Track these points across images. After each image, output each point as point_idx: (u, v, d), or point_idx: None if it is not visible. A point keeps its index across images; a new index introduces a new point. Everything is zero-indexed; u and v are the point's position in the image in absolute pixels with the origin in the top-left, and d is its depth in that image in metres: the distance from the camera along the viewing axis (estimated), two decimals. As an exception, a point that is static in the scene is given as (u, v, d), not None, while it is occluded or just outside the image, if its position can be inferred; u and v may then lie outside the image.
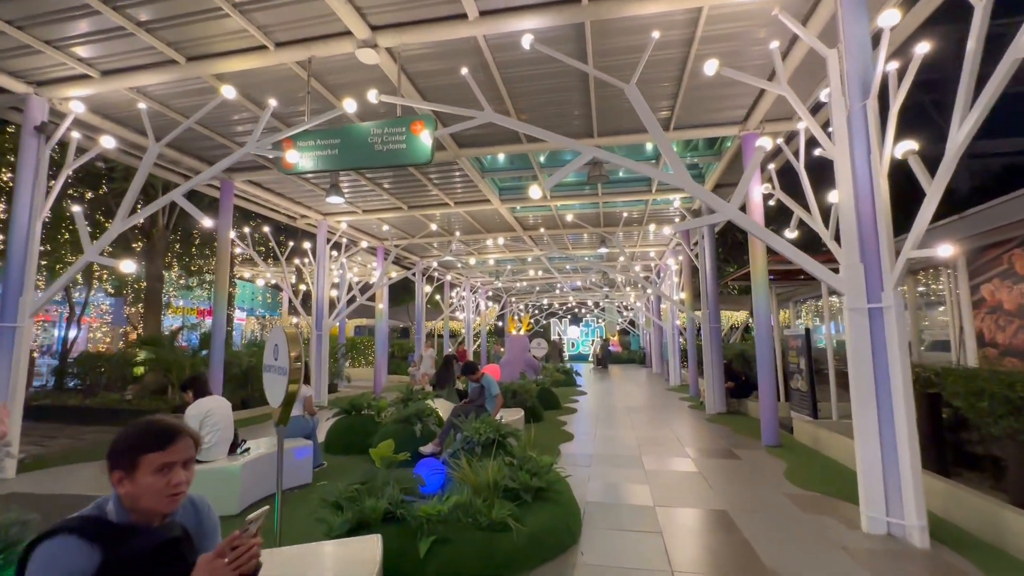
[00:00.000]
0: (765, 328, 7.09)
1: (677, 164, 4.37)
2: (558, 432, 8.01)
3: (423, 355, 13.42)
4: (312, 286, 12.27)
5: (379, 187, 10.82)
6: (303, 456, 4.98)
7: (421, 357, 13.49)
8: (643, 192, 10.85)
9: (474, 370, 6.19)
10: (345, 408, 6.92)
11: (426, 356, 13.29)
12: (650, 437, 7.58)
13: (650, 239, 16.19)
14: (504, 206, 11.57)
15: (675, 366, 15.73)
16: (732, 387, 10.06)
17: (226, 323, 18.04)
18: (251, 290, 23.87)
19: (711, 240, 10.32)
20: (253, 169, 9.33)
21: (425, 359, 13.18)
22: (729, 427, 8.41)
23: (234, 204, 11.24)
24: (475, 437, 4.84)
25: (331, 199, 8.71)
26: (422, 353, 13.57)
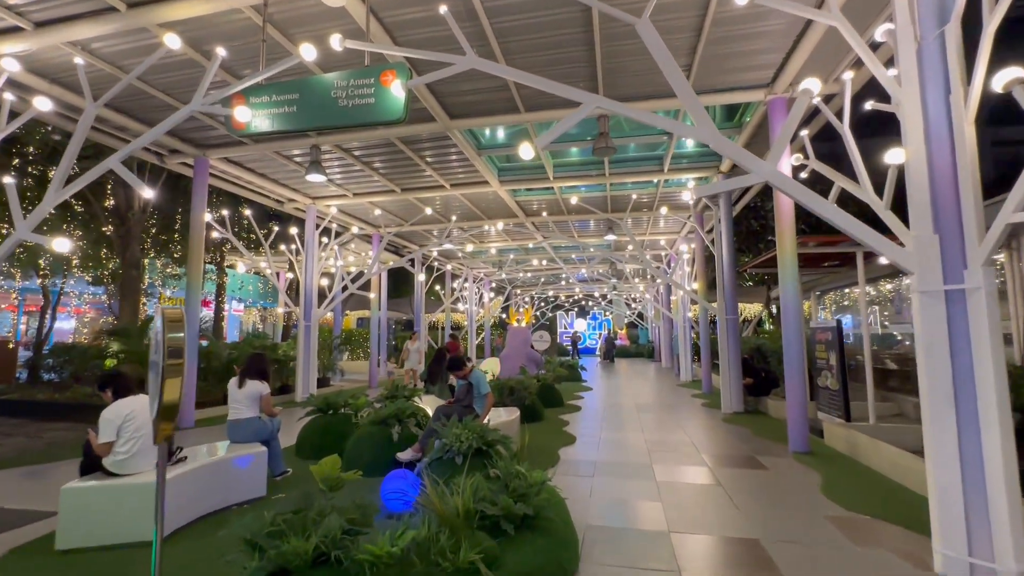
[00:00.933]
0: (794, 320, 6.24)
1: (700, 113, 3.53)
2: (559, 434, 7.24)
3: (408, 348, 12.41)
4: (300, 274, 11.55)
5: (370, 168, 10.06)
6: (247, 464, 4.24)
7: (407, 351, 12.44)
8: (653, 171, 9.97)
9: (461, 365, 5.41)
10: (319, 407, 6.18)
11: (412, 350, 12.29)
12: (661, 440, 6.78)
13: (660, 227, 15.33)
14: (504, 188, 10.75)
15: (686, 361, 14.89)
16: (750, 384, 9.22)
17: (216, 313, 17.50)
18: (252, 281, 23.29)
19: (728, 224, 9.44)
20: (228, 145, 8.58)
21: (411, 353, 12.25)
22: (748, 429, 7.59)
23: (218, 188, 10.56)
24: (455, 445, 4.08)
25: (311, 177, 7.98)
26: (408, 346, 12.54)
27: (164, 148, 8.70)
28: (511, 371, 11.38)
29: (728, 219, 9.49)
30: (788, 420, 6.24)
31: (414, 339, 12.65)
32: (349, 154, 9.22)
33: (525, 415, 7.97)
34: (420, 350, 12.42)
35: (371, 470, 5.06)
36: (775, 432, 7.27)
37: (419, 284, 17.49)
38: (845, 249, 6.69)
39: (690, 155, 9.80)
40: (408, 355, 12.36)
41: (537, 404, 8.29)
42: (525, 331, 12.43)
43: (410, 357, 12.32)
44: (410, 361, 12.31)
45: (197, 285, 8.53)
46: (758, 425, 7.85)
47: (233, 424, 4.62)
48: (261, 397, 4.73)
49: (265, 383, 4.79)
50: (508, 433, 5.87)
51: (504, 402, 8.03)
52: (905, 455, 4.75)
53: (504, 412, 6.53)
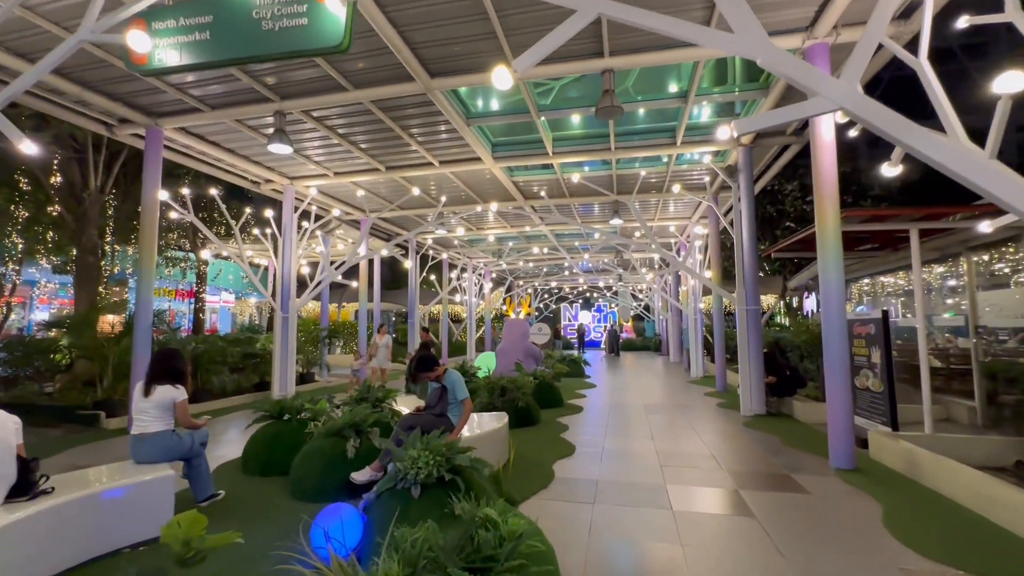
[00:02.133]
0: (836, 309, 5.19)
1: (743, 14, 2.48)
2: (556, 442, 6.25)
3: (376, 343, 11.04)
4: (277, 261, 10.60)
5: (351, 143, 9.05)
6: (118, 496, 3.23)
7: (375, 346, 11.03)
8: (665, 145, 8.89)
9: (431, 365, 4.41)
10: (271, 412, 5.22)
11: (380, 345, 10.97)
12: (675, 451, 5.78)
13: (670, 211, 14.24)
14: (498, 165, 9.71)
15: (697, 356, 13.85)
16: (773, 383, 8.19)
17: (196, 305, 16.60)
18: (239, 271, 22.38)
19: (750, 203, 8.36)
20: (182, 112, 7.58)
21: (379, 349, 10.94)
22: (775, 436, 6.58)
23: (190, 168, 9.61)
24: (409, 472, 3.10)
25: (275, 147, 7.00)
26: (375, 340, 11.13)
27: (112, 117, 7.72)
28: (508, 367, 10.41)
29: (749, 197, 8.41)
30: (830, 430, 5.21)
31: (381, 332, 11.19)
32: (322, 124, 8.20)
33: (518, 419, 7.00)
34: (388, 345, 11.17)
35: (320, 494, 4.12)
36: (808, 441, 6.25)
37: (413, 272, 16.52)
38: (898, 226, 5.62)
39: (707, 125, 8.71)
40: (375, 350, 11.07)
41: (532, 406, 7.30)
42: (523, 324, 11.43)
43: (378, 353, 11.03)
44: (378, 358, 10.99)
45: (150, 271, 7.58)
46: (785, 431, 6.83)
47: (137, 440, 3.65)
48: (175, 405, 3.76)
49: (180, 388, 3.82)
50: (494, 445, 4.91)
51: (494, 404, 7.05)
52: (994, 482, 3.72)
53: (490, 418, 5.55)
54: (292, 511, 3.94)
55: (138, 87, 6.89)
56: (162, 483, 3.41)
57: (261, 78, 6.70)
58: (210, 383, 9.23)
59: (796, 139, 8.36)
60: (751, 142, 8.40)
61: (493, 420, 5.44)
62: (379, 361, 10.96)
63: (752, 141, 8.39)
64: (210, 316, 25.41)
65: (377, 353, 11.00)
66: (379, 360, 10.96)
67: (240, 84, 6.84)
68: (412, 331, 16.40)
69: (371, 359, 11.03)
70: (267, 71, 6.53)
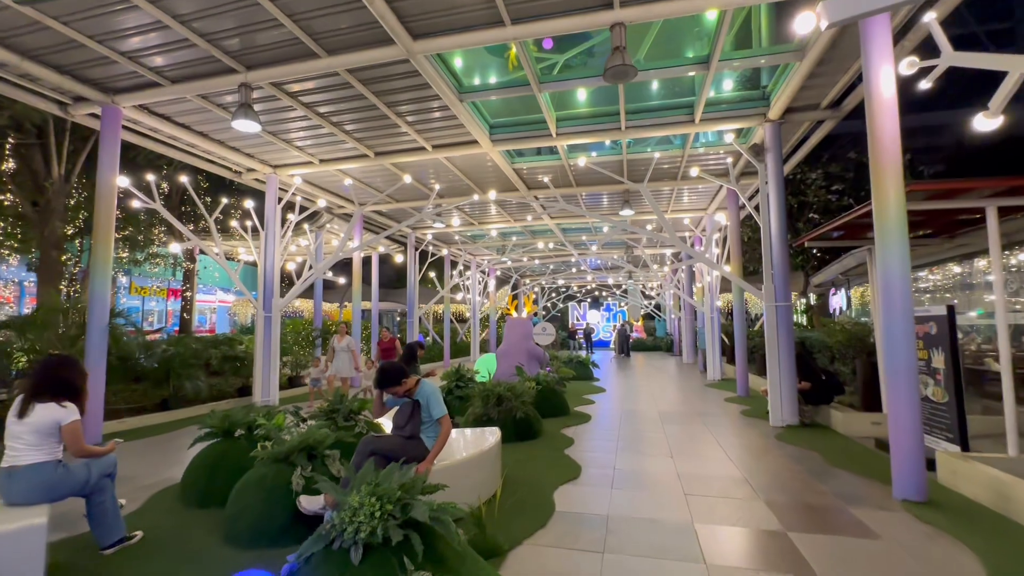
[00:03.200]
0: (901, 305, 4.23)
1: None
2: (558, 461, 5.35)
3: (334, 347, 9.30)
4: (259, 256, 9.80)
5: (336, 126, 8.25)
6: None
7: (333, 351, 9.31)
8: (682, 123, 7.95)
9: (397, 378, 3.52)
10: (217, 428, 4.38)
11: (339, 349, 9.19)
12: (701, 474, 4.87)
13: (684, 202, 13.28)
14: (497, 149, 8.83)
15: (715, 357, 12.87)
16: (807, 390, 7.23)
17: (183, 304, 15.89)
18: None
19: (779, 186, 7.40)
20: (140, 87, 6.79)
21: (339, 354, 9.15)
22: (815, 452, 5.63)
23: (169, 157, 8.84)
24: (348, 529, 2.23)
25: (240, 124, 6.19)
26: (333, 345, 9.36)
27: (66, 95, 6.95)
28: (509, 371, 9.53)
29: (778, 179, 7.45)
30: (893, 451, 4.26)
31: (341, 335, 9.38)
32: (299, 101, 7.38)
33: (516, 432, 6.12)
34: (352, 349, 9.33)
35: (258, 538, 3.28)
36: (856, 460, 5.30)
37: (411, 269, 15.71)
38: (973, 203, 4.66)
39: (730, 100, 7.77)
40: (334, 356, 9.31)
41: (532, 417, 6.41)
42: (525, 323, 10.53)
43: (337, 358, 9.21)
44: (337, 365, 9.18)
45: (105, 265, 6.79)
46: (827, 447, 5.87)
47: (7, 475, 2.81)
48: (60, 429, 2.92)
49: (69, 406, 2.97)
50: (482, 469, 4.03)
51: (488, 415, 6.17)
52: None
53: (479, 435, 4.67)
54: (222, 559, 3.11)
55: (85, 56, 6.10)
56: (27, 535, 2.57)
57: (220, 43, 5.87)
58: (183, 389, 8.44)
59: (832, 114, 7.39)
60: (780, 117, 7.44)
61: (483, 437, 4.56)
62: (338, 368, 9.20)
63: (781, 116, 7.43)
64: (209, 316, 24.81)
65: (336, 359, 9.24)
66: (339, 367, 9.19)
67: (199, 52, 6.03)
68: (411, 331, 15.59)
69: (327, 367, 9.40)
70: (225, 33, 5.70)
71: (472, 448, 4.18)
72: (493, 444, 4.36)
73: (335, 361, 9.22)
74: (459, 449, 4.17)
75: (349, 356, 9.24)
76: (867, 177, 4.45)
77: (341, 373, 9.14)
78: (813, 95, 7.11)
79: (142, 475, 5.05)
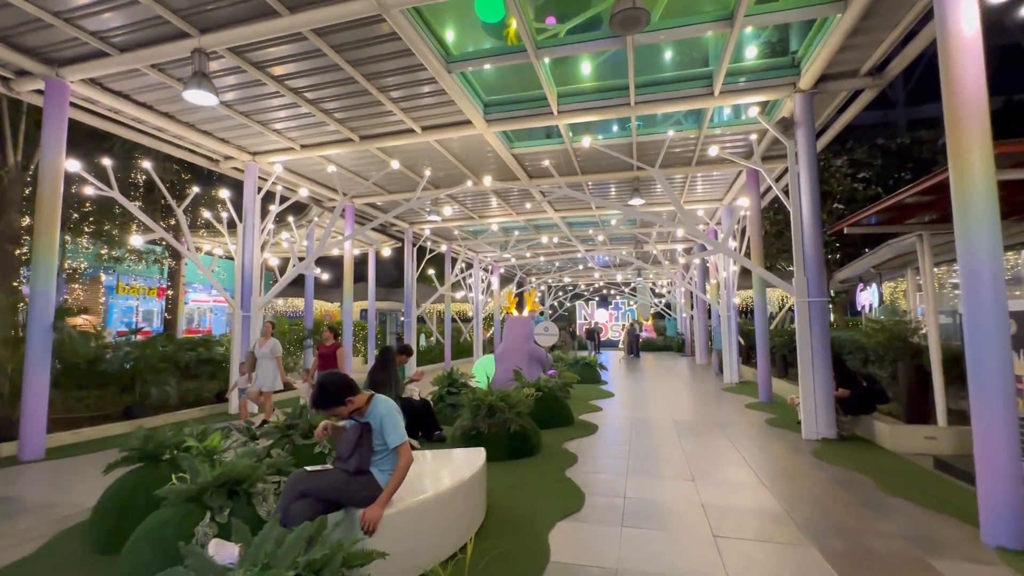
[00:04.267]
0: (992, 298, 3.31)
1: None
2: (557, 486, 4.50)
3: (255, 353, 7.07)
4: (236, 251, 9.05)
5: (313, 105, 7.48)
6: None
7: (253, 358, 7.06)
8: (700, 96, 7.05)
9: (338, 394, 2.65)
10: (140, 450, 3.57)
11: (261, 356, 6.96)
12: (732, 506, 3.99)
13: (698, 192, 12.35)
14: (492, 130, 7.98)
15: (732, 360, 11.93)
16: (845, 398, 6.31)
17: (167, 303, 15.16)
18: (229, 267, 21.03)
19: (811, 164, 6.48)
20: (86, 58, 6.03)
21: (261, 363, 6.93)
22: (866, 476, 4.73)
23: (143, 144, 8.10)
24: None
25: (193, 95, 5.42)
26: (255, 348, 7.16)
27: (8, 68, 6.21)
28: (508, 374, 8.70)
29: (810, 157, 6.53)
30: (982, 486, 3.34)
31: (265, 336, 7.16)
32: (266, 73, 6.60)
33: (510, 449, 5.28)
34: (278, 354, 7.02)
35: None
36: (918, 486, 4.39)
37: (409, 266, 14.92)
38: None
39: (754, 69, 6.86)
40: (257, 366, 7.04)
41: (529, 431, 5.55)
42: (526, 322, 9.69)
43: (259, 368, 6.98)
44: (260, 375, 6.94)
45: (49, 255, 6.03)
46: (877, 468, 4.96)
47: None
48: None
49: None
50: (456, 506, 3.20)
51: (477, 428, 5.33)
52: None
53: (459, 460, 3.84)
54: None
55: (16, 19, 5.34)
56: None
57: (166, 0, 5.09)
58: (149, 396, 7.70)
59: (873, 81, 6.46)
60: (812, 87, 6.52)
61: (463, 463, 3.72)
62: (261, 381, 6.91)
63: (814, 86, 6.51)
64: (208, 317, 24.21)
65: (258, 369, 6.98)
66: (261, 379, 6.90)
67: (144, 11, 5.25)
68: (409, 331, 14.81)
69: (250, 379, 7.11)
70: (168, -14, 4.91)
71: (447, 477, 3.33)
72: (475, 472, 3.52)
73: (257, 371, 6.97)
74: (431, 480, 3.33)
75: (274, 365, 6.99)
76: (896, 164, 3.56)
77: (264, 387, 6.92)
78: (852, 58, 6.19)
79: (62, 502, 4.27)
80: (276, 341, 7.13)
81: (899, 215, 5.81)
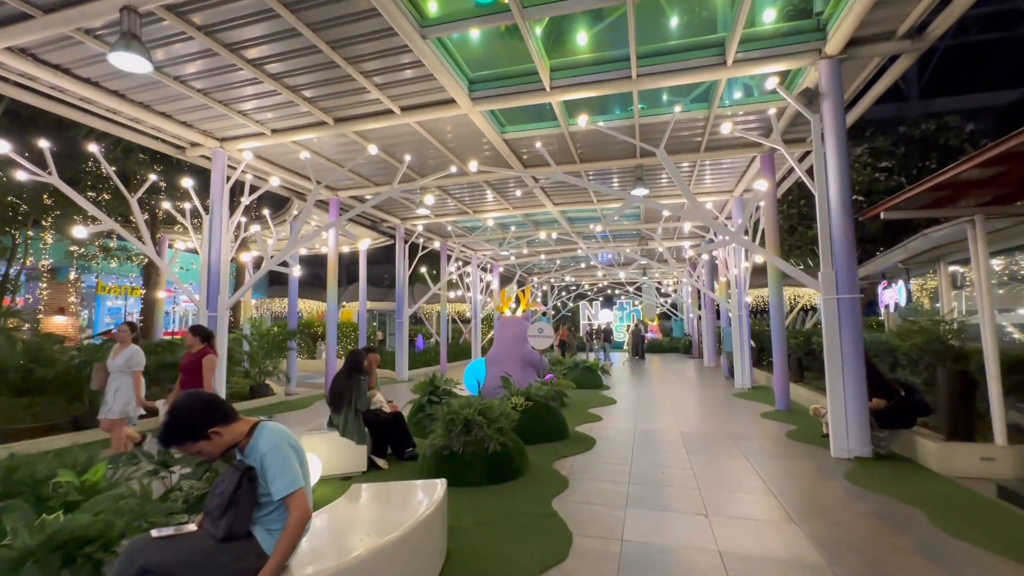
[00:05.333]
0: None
1: None
2: (539, 524, 3.68)
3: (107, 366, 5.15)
4: (200, 245, 8.31)
5: (278, 81, 6.72)
6: None
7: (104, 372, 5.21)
8: (711, 67, 6.21)
9: (193, 426, 1.83)
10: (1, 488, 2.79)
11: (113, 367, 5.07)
12: (759, 556, 3.16)
13: (706, 183, 11.50)
14: (478, 109, 7.19)
15: (744, 363, 11.07)
16: (881, 409, 5.46)
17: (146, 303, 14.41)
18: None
19: (840, 141, 5.63)
20: (7, 21, 5.28)
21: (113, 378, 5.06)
22: (914, 508, 3.89)
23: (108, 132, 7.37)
24: None
25: (117, 57, 4.64)
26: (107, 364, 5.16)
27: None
28: (496, 384, 7.88)
29: (839, 134, 5.69)
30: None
31: (121, 344, 5.19)
32: (214, 39, 5.83)
33: (488, 472, 4.49)
34: (135, 369, 5.09)
35: None
36: (985, 524, 3.55)
37: (400, 264, 14.15)
38: None
39: (772, 34, 6.03)
40: (100, 381, 5.19)
41: (513, 450, 4.74)
42: (519, 323, 8.88)
43: (110, 384, 5.05)
44: (112, 398, 5.00)
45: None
46: (928, 498, 4.11)
47: None
48: None
49: None
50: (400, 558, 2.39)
51: (451, 448, 4.53)
52: None
53: (413, 496, 3.04)
54: None
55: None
56: None
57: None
58: (98, 404, 6.95)
59: (911, 45, 5.60)
60: (840, 52, 5.67)
61: (414, 499, 2.92)
62: (112, 404, 4.97)
63: (842, 51, 5.67)
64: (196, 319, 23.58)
65: (109, 386, 5.04)
66: (115, 402, 4.97)
67: (59, -40, 4.50)
68: (400, 332, 14.03)
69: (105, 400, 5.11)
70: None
71: (390, 523, 2.53)
72: (428, 513, 2.72)
73: (107, 391, 5.06)
74: (368, 527, 2.53)
75: (131, 383, 5.05)
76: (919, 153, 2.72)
77: (112, 413, 4.97)
78: (887, 17, 5.34)
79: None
80: (137, 350, 5.11)
81: (948, 196, 4.97)
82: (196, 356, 4.86)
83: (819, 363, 9.37)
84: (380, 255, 23.90)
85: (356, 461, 4.91)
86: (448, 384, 7.15)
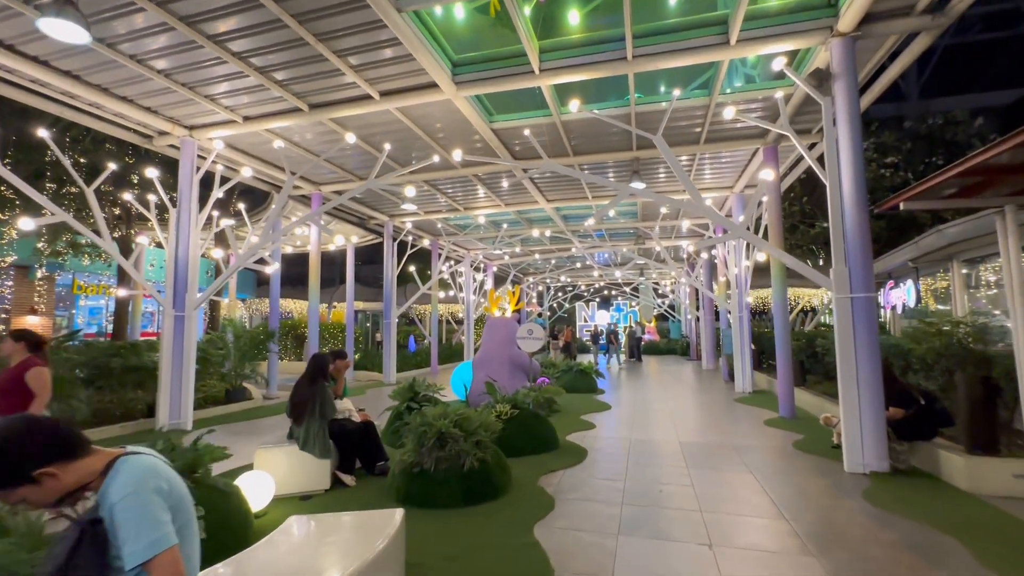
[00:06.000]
0: None
1: None
2: (516, 557, 3.17)
3: None
4: (166, 240, 7.78)
5: (261, 73, 6.24)
6: None
7: None
8: (713, 47, 5.73)
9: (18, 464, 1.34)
10: None
11: None
12: (770, 598, 2.66)
13: (705, 179, 11.02)
14: (462, 94, 6.70)
15: (744, 366, 10.59)
16: (899, 419, 4.97)
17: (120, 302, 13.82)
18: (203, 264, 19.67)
19: (854, 124, 5.15)
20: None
21: None
22: (951, 536, 3.40)
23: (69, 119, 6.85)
24: None
25: (47, 23, 4.12)
26: None
27: None
28: (481, 390, 7.37)
29: (852, 117, 5.20)
30: None
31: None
32: (179, 19, 5.32)
33: (463, 492, 3.98)
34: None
35: None
36: (1005, 545, 3.06)
37: (388, 263, 13.63)
38: None
39: (779, 10, 5.55)
40: None
41: (492, 467, 4.23)
42: (508, 324, 8.37)
43: None
44: None
45: None
46: (960, 522, 3.62)
47: None
48: None
49: None
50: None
51: (422, 466, 4.02)
52: None
53: (367, 529, 2.53)
54: None
55: None
56: None
57: None
58: (52, 410, 6.40)
59: (931, 21, 5.12)
60: (854, 29, 5.19)
61: (367, 535, 2.41)
62: None
63: (856, 28, 5.19)
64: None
65: None
66: None
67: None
68: (389, 332, 13.51)
69: None
70: None
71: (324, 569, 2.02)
72: (377, 553, 2.20)
73: None
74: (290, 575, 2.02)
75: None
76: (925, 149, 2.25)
77: None
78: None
79: None
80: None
81: (974, 185, 4.49)
82: (16, 370, 3.35)
83: (821, 367, 8.92)
84: (375, 254, 23.34)
85: (318, 478, 4.39)
86: (431, 389, 6.63)
